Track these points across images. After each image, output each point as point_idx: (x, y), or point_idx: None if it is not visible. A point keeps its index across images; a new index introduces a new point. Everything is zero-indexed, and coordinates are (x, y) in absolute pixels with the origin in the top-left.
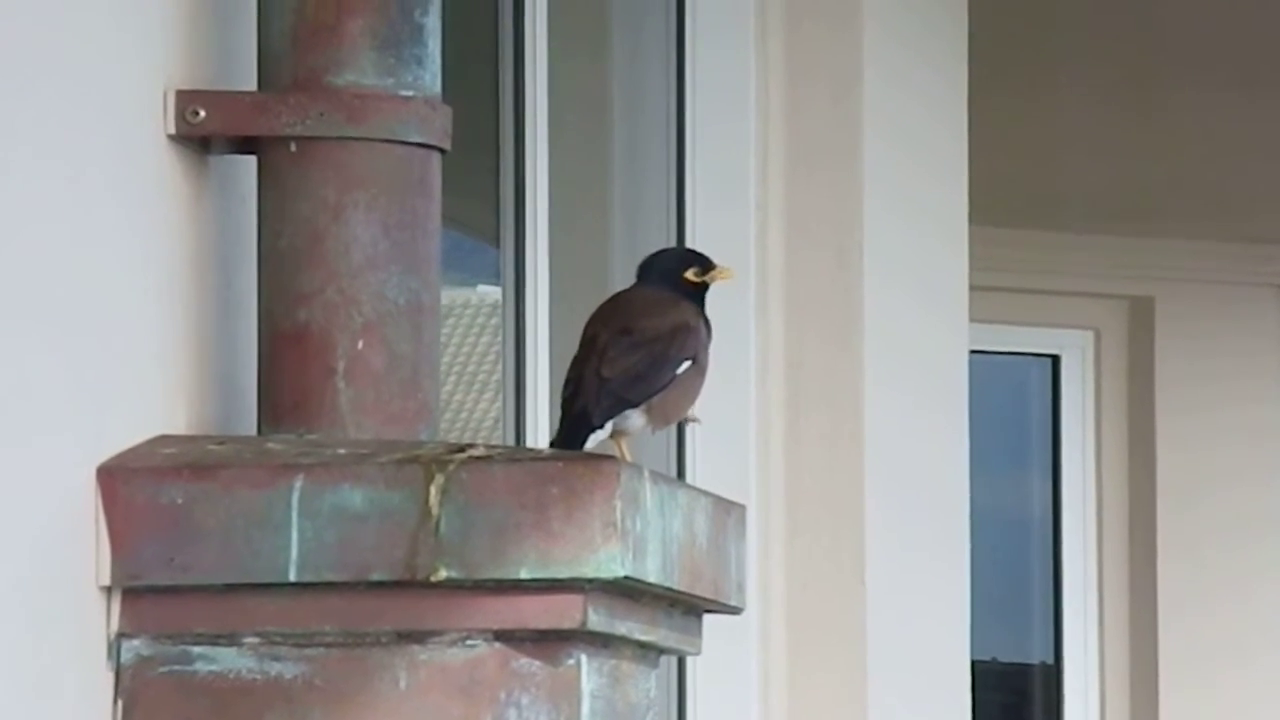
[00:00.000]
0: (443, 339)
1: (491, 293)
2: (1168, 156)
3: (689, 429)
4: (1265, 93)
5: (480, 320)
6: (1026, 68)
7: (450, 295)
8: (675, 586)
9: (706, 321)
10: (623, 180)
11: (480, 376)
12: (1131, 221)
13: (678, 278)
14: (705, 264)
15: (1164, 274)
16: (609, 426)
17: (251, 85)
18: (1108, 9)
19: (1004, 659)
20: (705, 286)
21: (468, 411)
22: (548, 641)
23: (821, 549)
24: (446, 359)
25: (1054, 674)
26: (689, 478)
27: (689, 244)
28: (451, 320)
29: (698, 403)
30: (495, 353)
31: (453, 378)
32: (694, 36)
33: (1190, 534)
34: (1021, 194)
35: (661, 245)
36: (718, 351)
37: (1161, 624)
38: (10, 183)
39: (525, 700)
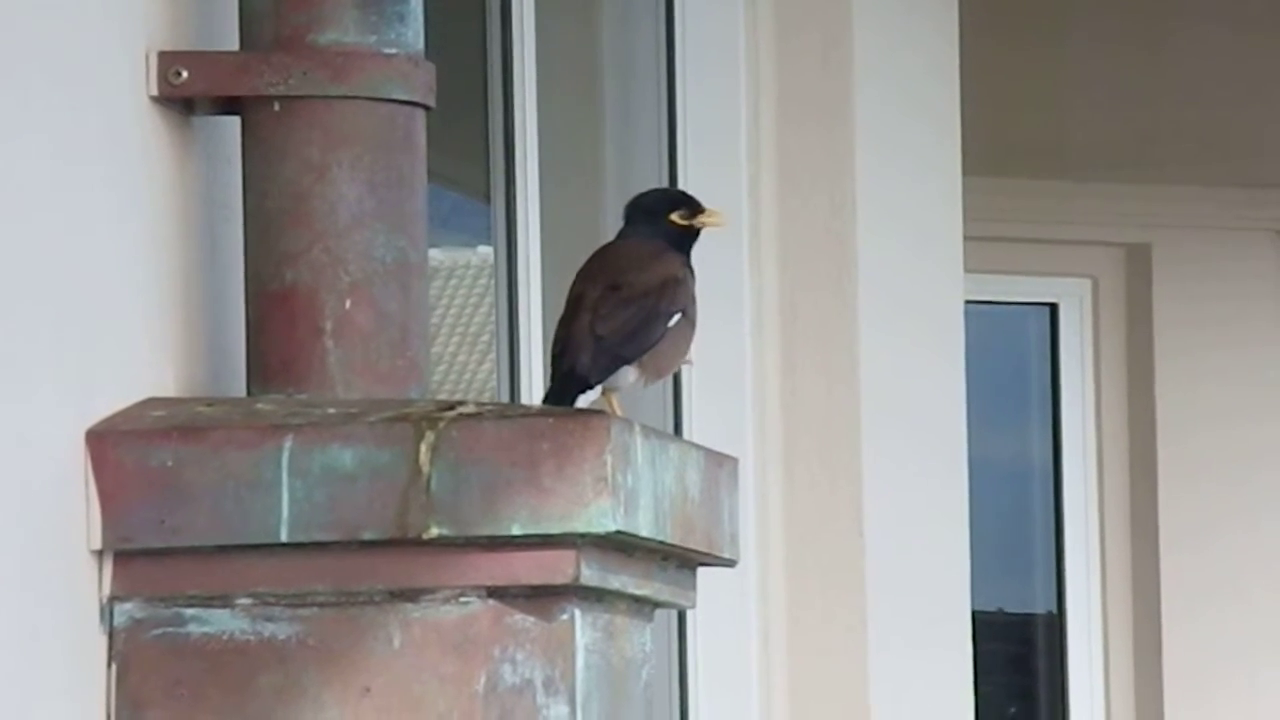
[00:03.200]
0: (445, 300)
1: (492, 253)
2: (1163, 104)
3: (684, 372)
4: (1260, 38)
5: (482, 281)
6: (1022, 17)
7: (452, 256)
8: (668, 540)
9: (692, 270)
10: (613, 136)
11: (484, 337)
12: (1127, 169)
13: (663, 220)
14: (693, 206)
15: (1161, 221)
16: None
17: (234, 45)
18: None
19: (1008, 609)
20: (694, 231)
21: (470, 372)
22: (541, 597)
23: (819, 500)
24: (449, 320)
25: (1057, 623)
26: (685, 430)
27: None
28: (454, 281)
29: (690, 349)
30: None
31: (455, 338)
32: None
33: (1190, 479)
34: (1017, 143)
35: (655, 187)
36: (712, 304)
37: (1164, 570)
38: None
39: (520, 656)
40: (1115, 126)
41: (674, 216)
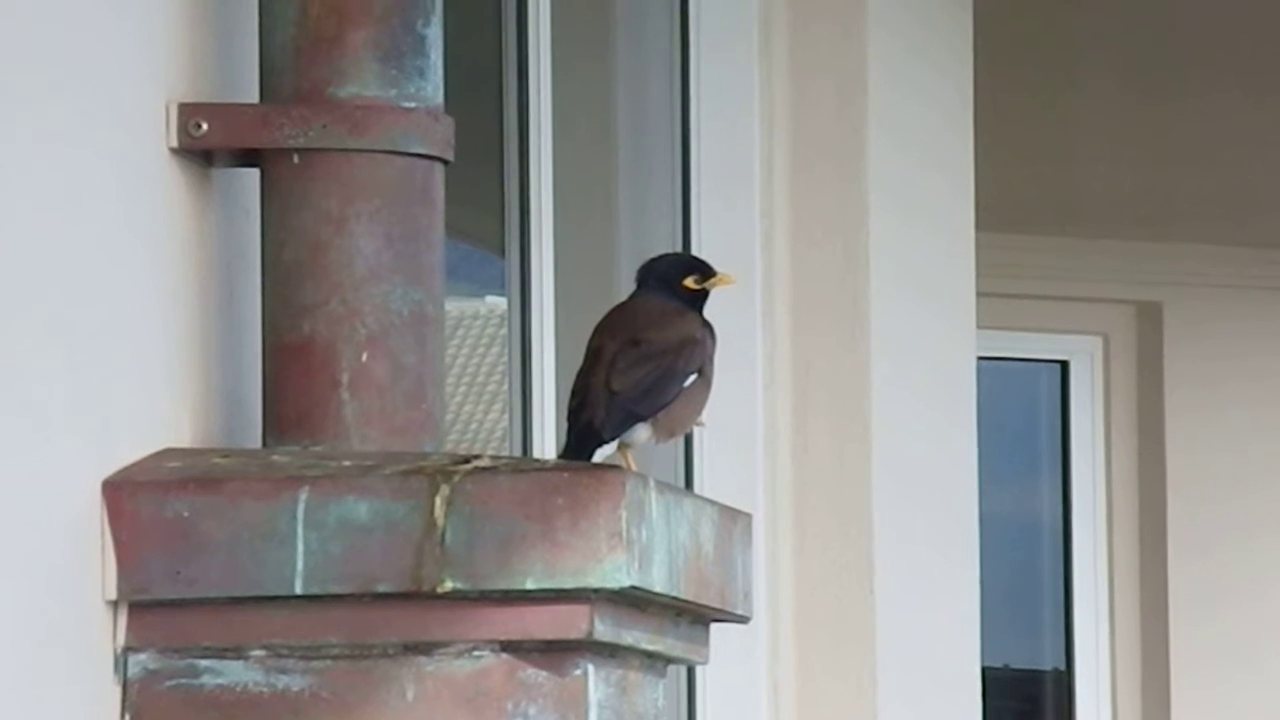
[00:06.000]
0: (453, 351)
1: (501, 304)
2: (1175, 162)
3: (696, 433)
4: (1273, 97)
5: (490, 331)
6: (1035, 74)
7: (460, 307)
8: (682, 596)
9: (711, 331)
10: (628, 187)
11: (490, 388)
12: (1139, 226)
13: (677, 285)
14: (705, 271)
15: (1172, 279)
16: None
17: (254, 98)
18: (1118, 14)
19: (1016, 665)
20: (705, 293)
21: (478, 423)
22: (554, 652)
23: (830, 556)
24: (456, 371)
25: (1065, 680)
26: (697, 485)
27: (695, 250)
28: (461, 332)
29: (704, 411)
30: (506, 364)
31: (463, 389)
32: (698, 41)
33: (1201, 539)
34: (1030, 200)
35: (667, 252)
36: (725, 358)
37: (1173, 628)
38: (13, 197)
39: (532, 711)
40: (1127, 184)
41: (688, 282)
